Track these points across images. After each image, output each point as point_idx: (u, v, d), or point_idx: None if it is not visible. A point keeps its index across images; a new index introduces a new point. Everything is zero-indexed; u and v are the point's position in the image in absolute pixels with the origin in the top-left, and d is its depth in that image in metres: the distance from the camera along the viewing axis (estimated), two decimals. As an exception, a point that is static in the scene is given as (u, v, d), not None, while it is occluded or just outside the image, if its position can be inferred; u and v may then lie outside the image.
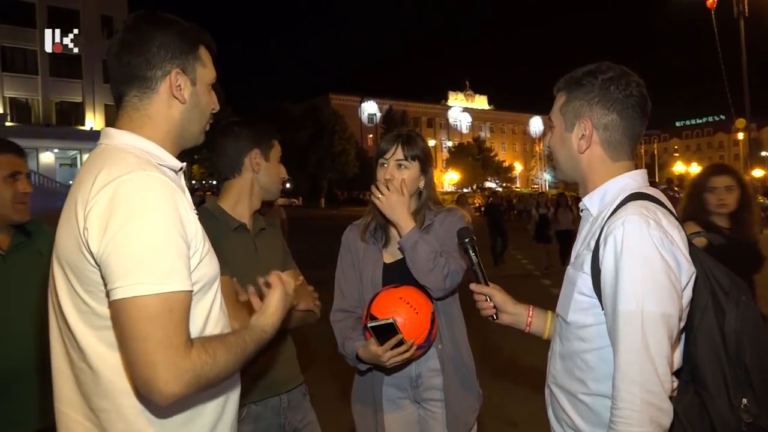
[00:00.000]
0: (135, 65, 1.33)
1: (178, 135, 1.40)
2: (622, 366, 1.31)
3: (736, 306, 1.38)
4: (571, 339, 1.50)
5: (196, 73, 1.40)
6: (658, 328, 1.29)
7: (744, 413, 1.34)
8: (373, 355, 2.07)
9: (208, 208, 2.18)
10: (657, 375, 1.28)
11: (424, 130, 75.42)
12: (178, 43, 1.35)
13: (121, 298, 1.15)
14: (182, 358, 1.14)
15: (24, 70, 36.37)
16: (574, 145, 1.52)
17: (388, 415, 2.26)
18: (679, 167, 76.40)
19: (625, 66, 1.50)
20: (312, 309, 2.16)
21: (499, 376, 5.15)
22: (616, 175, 1.49)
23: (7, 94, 35.98)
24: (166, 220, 1.20)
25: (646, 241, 1.31)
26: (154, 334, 1.13)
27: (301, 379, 2.27)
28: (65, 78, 36.64)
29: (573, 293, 1.46)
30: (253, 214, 2.23)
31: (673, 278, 1.31)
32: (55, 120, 37.17)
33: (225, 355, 1.22)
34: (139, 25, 1.35)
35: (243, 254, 2.13)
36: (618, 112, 1.46)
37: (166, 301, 1.16)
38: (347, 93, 72.69)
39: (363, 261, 2.30)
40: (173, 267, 1.18)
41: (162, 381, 1.12)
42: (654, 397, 1.28)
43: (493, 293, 1.81)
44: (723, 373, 1.36)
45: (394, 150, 2.25)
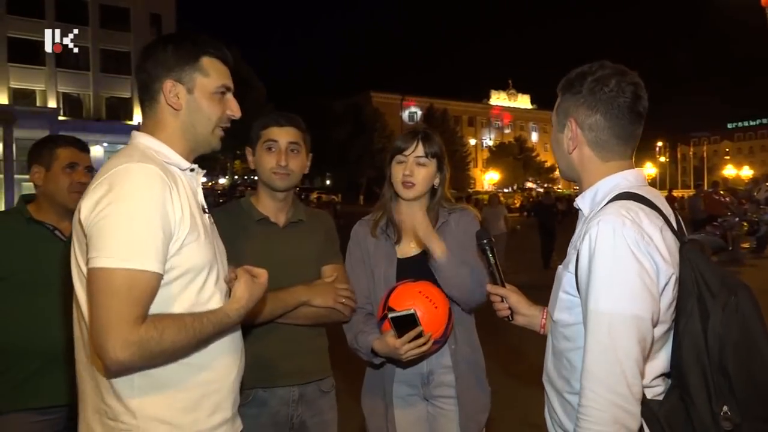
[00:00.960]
0: (142, 80, 1.56)
1: (186, 138, 1.57)
2: (588, 365, 1.31)
3: (722, 310, 1.33)
4: (558, 338, 1.50)
5: (195, 82, 1.55)
6: (627, 329, 1.28)
7: (724, 421, 1.30)
8: (390, 348, 2.07)
9: (239, 202, 2.30)
10: (624, 377, 1.28)
11: (465, 129, 74.98)
12: (171, 58, 1.53)
13: (92, 267, 1.32)
14: (130, 331, 1.28)
15: (76, 67, 37.61)
16: (564, 145, 1.53)
17: (398, 411, 2.26)
18: (730, 170, 73.82)
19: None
20: (335, 307, 2.14)
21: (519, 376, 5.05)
22: (608, 174, 1.47)
23: (61, 89, 37.27)
24: (146, 205, 1.35)
25: (618, 241, 1.30)
26: (111, 305, 1.29)
27: (322, 375, 2.24)
28: (115, 74, 37.71)
29: (559, 292, 1.47)
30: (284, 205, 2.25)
31: (647, 280, 1.30)
32: (105, 115, 38.32)
33: (174, 333, 1.34)
34: (148, 45, 1.58)
35: (262, 247, 2.16)
36: (602, 113, 1.45)
37: (129, 277, 1.30)
38: (388, 91, 72.70)
39: (375, 257, 2.31)
40: (144, 248, 1.33)
41: (110, 348, 1.27)
42: (619, 399, 1.27)
43: (509, 294, 1.81)
44: (705, 379, 1.32)
45: (414, 147, 2.26)
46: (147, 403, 1.40)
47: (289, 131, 2.21)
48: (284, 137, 2.20)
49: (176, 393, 1.43)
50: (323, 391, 2.24)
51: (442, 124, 59.95)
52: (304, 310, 2.11)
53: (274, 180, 2.19)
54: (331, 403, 2.27)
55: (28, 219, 2.31)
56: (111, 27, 37.66)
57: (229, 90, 1.61)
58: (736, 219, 13.12)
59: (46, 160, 2.36)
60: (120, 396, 1.39)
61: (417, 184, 2.26)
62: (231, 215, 2.22)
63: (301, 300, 2.10)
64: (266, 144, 2.19)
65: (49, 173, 2.34)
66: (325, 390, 2.25)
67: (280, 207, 2.25)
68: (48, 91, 36.59)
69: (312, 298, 2.11)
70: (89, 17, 36.76)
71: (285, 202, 2.26)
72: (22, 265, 2.21)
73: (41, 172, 2.36)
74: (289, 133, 2.21)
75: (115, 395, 1.39)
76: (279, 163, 2.17)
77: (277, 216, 2.24)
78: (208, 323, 1.42)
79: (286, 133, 2.21)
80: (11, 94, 35.31)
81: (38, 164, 2.37)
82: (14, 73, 35.52)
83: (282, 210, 2.26)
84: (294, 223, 2.26)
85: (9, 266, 2.22)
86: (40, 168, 2.36)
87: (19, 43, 34.88)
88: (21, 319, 2.19)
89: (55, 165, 2.34)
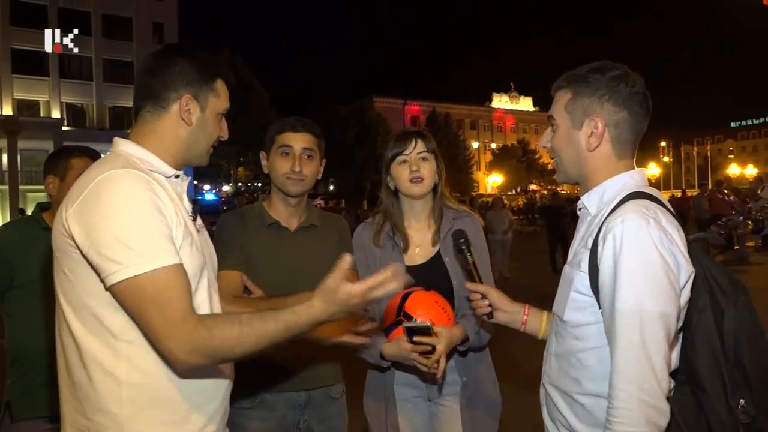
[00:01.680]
0: (153, 85, 1.51)
1: (182, 152, 1.55)
2: (620, 365, 1.31)
3: (734, 307, 1.35)
4: (566, 338, 1.49)
5: (208, 102, 1.55)
6: (656, 327, 1.29)
7: (741, 414, 1.32)
8: (401, 351, 2.06)
9: (252, 207, 2.31)
10: (654, 374, 1.28)
11: (468, 132, 74.95)
12: (196, 73, 1.52)
13: (118, 282, 1.28)
14: (181, 330, 1.26)
15: (80, 77, 37.81)
16: (582, 143, 1.50)
17: (402, 414, 2.25)
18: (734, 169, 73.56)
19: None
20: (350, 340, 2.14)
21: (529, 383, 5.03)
22: (616, 173, 1.47)
23: (64, 99, 37.46)
24: (140, 207, 1.33)
25: (645, 239, 1.31)
26: (150, 311, 1.27)
27: (331, 381, 2.23)
28: (118, 84, 37.88)
29: (570, 292, 1.46)
30: (296, 209, 2.26)
31: (672, 277, 1.30)
32: (109, 124, 38.46)
33: (224, 332, 1.29)
34: (165, 52, 1.56)
35: (272, 251, 2.17)
36: (628, 109, 1.46)
37: (155, 278, 1.28)
38: (390, 95, 72.80)
39: (382, 264, 2.27)
40: (156, 246, 1.31)
41: (167, 351, 1.27)
42: (651, 397, 1.27)
43: (489, 291, 1.80)
44: (721, 374, 1.34)
45: (414, 145, 2.29)
46: (136, 417, 1.36)
47: (304, 137, 2.22)
48: (299, 143, 2.21)
49: (166, 405, 1.40)
50: (332, 397, 2.23)
51: (444, 127, 59.90)
52: None
53: (287, 185, 2.20)
54: (341, 409, 2.26)
55: (45, 228, 2.35)
56: (113, 37, 37.86)
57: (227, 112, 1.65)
58: (741, 218, 13.08)
59: (61, 170, 2.41)
60: (107, 410, 1.35)
61: (425, 178, 2.27)
62: (243, 220, 2.24)
63: None
64: (281, 149, 2.20)
65: (63, 183, 2.39)
66: (335, 396, 2.24)
67: (293, 212, 2.26)
68: (52, 101, 36.79)
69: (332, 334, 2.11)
70: (92, 27, 36.96)
71: (298, 207, 2.26)
72: (37, 273, 2.23)
73: (56, 182, 2.40)
74: (303, 138, 2.22)
75: (102, 410, 1.36)
76: (293, 169, 2.18)
77: (289, 221, 2.25)
78: (272, 321, 1.34)
79: (301, 139, 2.22)
80: (15, 105, 35.50)
81: (53, 174, 2.41)
82: (18, 84, 35.72)
83: (294, 215, 2.26)
84: (306, 227, 2.26)
85: (27, 274, 2.26)
86: (55, 178, 2.41)
87: (23, 54, 35.09)
88: (36, 327, 2.22)
89: (69, 175, 2.38)
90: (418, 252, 2.31)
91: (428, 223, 2.36)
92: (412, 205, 2.33)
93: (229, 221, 2.26)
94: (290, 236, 2.23)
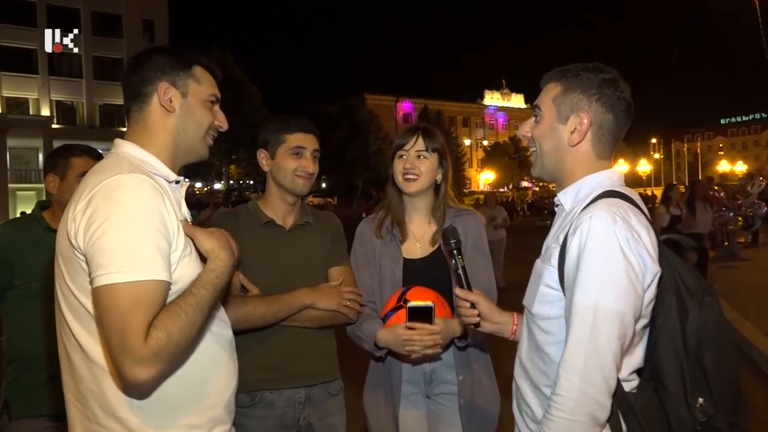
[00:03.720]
0: (133, 84, 1.54)
1: (175, 144, 1.55)
2: (567, 356, 1.34)
3: (699, 307, 1.38)
4: (535, 331, 1.52)
5: (188, 88, 1.56)
6: (609, 324, 1.31)
7: (699, 413, 1.35)
8: (396, 338, 2.08)
9: (246, 206, 2.31)
10: (601, 369, 1.31)
11: (460, 130, 75.05)
12: (168, 62, 1.55)
13: (99, 286, 1.27)
14: (141, 346, 1.23)
15: (69, 74, 37.54)
16: (564, 137, 1.52)
17: (401, 410, 2.27)
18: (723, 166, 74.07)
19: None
20: (339, 310, 2.15)
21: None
22: (594, 172, 1.50)
23: (54, 97, 37.20)
24: (144, 215, 1.32)
25: (610, 237, 1.33)
26: (119, 322, 1.24)
27: (330, 377, 2.25)
28: (108, 81, 37.66)
29: (539, 285, 1.49)
30: (293, 208, 2.28)
31: (633, 277, 1.33)
32: (99, 122, 38.26)
33: (177, 322, 1.29)
34: (141, 53, 1.59)
35: (268, 250, 2.19)
36: (614, 113, 1.49)
37: (136, 290, 1.26)
38: (382, 93, 72.77)
39: (381, 256, 2.32)
40: (148, 258, 1.30)
41: (126, 368, 1.23)
42: (593, 390, 1.30)
43: (479, 301, 1.77)
44: (682, 373, 1.37)
45: (414, 141, 2.30)
46: (147, 422, 1.37)
47: (313, 139, 2.27)
48: (311, 144, 2.25)
49: (176, 411, 1.41)
50: (331, 393, 2.25)
51: (437, 125, 59.61)
52: (308, 313, 2.12)
53: (297, 184, 2.22)
54: (339, 405, 2.27)
55: (45, 227, 2.35)
56: (103, 34, 37.61)
57: (218, 101, 1.64)
58: (731, 214, 13.17)
59: (61, 169, 2.39)
60: (117, 416, 1.36)
61: (419, 177, 2.27)
62: (238, 219, 2.25)
63: (306, 303, 2.11)
64: (294, 149, 2.21)
65: (63, 182, 2.38)
66: (333, 392, 2.26)
67: (289, 210, 2.28)
68: (41, 99, 36.53)
69: (317, 301, 2.12)
70: (81, 24, 36.67)
71: (295, 205, 2.29)
72: (37, 273, 2.22)
73: (56, 181, 2.40)
74: (313, 140, 2.26)
75: (113, 416, 1.36)
76: (306, 170, 2.22)
77: (284, 219, 2.26)
78: (200, 289, 1.36)
79: (311, 140, 2.26)
80: (4, 103, 35.23)
81: (53, 173, 2.40)
82: (6, 81, 35.45)
83: (290, 213, 2.28)
84: (301, 225, 2.28)
85: (27, 274, 2.26)
86: (55, 177, 2.40)
87: (12, 52, 34.82)
88: (35, 327, 2.21)
89: (69, 174, 2.37)
90: (418, 246, 2.33)
91: (429, 220, 2.37)
92: (411, 200, 2.35)
93: (223, 221, 2.27)
94: (285, 234, 2.25)
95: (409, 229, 2.34)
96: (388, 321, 2.15)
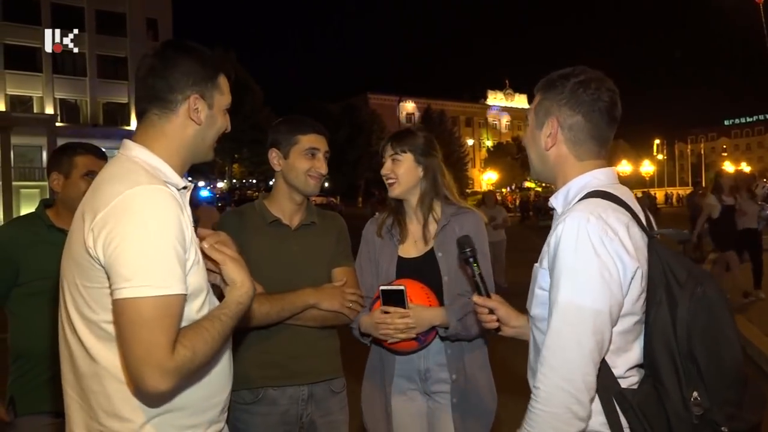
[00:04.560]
0: (159, 88, 1.48)
1: (190, 152, 1.54)
2: (546, 352, 1.38)
3: (689, 299, 1.38)
4: (535, 333, 1.55)
5: (214, 99, 1.54)
6: (583, 321, 1.34)
7: (695, 406, 1.35)
8: (371, 321, 2.16)
9: (252, 204, 2.34)
10: (578, 366, 1.33)
11: (463, 130, 75.03)
12: (200, 71, 1.51)
13: (123, 298, 1.27)
14: (168, 359, 1.26)
15: (73, 72, 37.62)
16: (541, 142, 1.58)
17: (397, 405, 2.30)
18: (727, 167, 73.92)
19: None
20: (341, 311, 2.17)
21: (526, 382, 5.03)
22: (581, 173, 1.53)
23: (58, 95, 37.29)
24: (167, 229, 1.33)
25: (581, 236, 1.36)
26: (147, 335, 1.26)
27: (333, 375, 2.27)
28: (112, 80, 37.76)
29: (535, 288, 1.52)
30: (300, 208, 2.31)
31: (606, 275, 1.35)
32: (102, 120, 38.33)
33: (203, 345, 1.34)
34: (166, 52, 1.52)
35: (274, 248, 2.22)
36: (583, 114, 1.51)
37: (163, 304, 1.28)
38: (385, 92, 72.79)
39: (379, 255, 2.38)
40: (172, 272, 1.31)
41: (149, 379, 1.25)
42: (571, 387, 1.32)
43: (498, 306, 1.79)
44: (675, 367, 1.37)
45: (387, 147, 2.38)
46: (149, 422, 1.38)
47: (324, 140, 2.31)
48: (323, 145, 2.29)
49: (178, 411, 1.42)
50: (334, 391, 2.26)
51: (439, 125, 60.02)
52: (311, 312, 2.14)
53: (309, 185, 2.25)
54: (342, 403, 2.29)
55: (49, 226, 2.36)
56: (107, 32, 37.67)
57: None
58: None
59: (65, 168, 2.40)
60: (121, 416, 1.37)
61: (396, 180, 2.34)
62: (244, 217, 2.27)
63: (309, 303, 2.13)
64: (308, 150, 2.24)
65: (68, 181, 2.39)
66: (336, 390, 2.27)
67: (296, 209, 2.30)
68: (45, 97, 36.61)
69: (319, 301, 2.14)
70: (85, 23, 36.76)
71: (302, 205, 2.31)
72: (42, 271, 2.23)
73: (60, 180, 2.40)
74: (324, 141, 2.31)
75: (116, 416, 1.37)
76: (319, 171, 2.26)
77: (290, 218, 2.29)
78: (226, 318, 1.42)
79: (323, 142, 2.30)
80: (8, 101, 35.31)
81: (57, 171, 2.41)
82: (11, 79, 35.52)
83: (297, 212, 2.30)
84: (306, 225, 2.30)
85: (31, 272, 2.27)
86: (59, 175, 2.41)
87: (16, 50, 34.91)
88: (39, 325, 2.22)
89: (74, 173, 2.39)
90: (415, 245, 2.37)
91: (422, 219, 2.40)
92: (403, 202, 2.40)
93: (230, 220, 2.30)
94: (291, 234, 2.27)
95: (408, 230, 2.39)
96: (372, 308, 2.21)
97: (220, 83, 1.56)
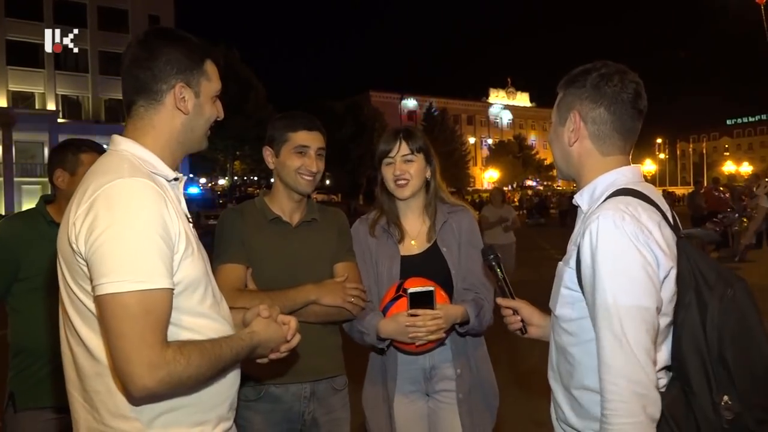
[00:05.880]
0: (143, 78, 1.44)
1: (180, 142, 1.51)
2: (605, 358, 1.33)
3: (720, 301, 1.35)
4: (560, 333, 1.52)
5: (201, 87, 1.50)
6: (634, 320, 1.31)
7: (725, 411, 1.32)
8: (399, 326, 2.10)
9: (253, 201, 2.32)
10: (640, 365, 1.29)
11: (465, 128, 74.94)
12: (184, 59, 1.47)
13: (104, 294, 1.25)
14: (156, 355, 1.23)
15: (75, 69, 37.61)
16: (564, 138, 1.55)
17: (399, 408, 2.29)
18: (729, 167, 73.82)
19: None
20: (343, 306, 2.16)
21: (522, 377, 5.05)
22: (607, 170, 1.50)
23: (60, 91, 37.29)
24: (147, 222, 1.29)
25: (619, 234, 1.33)
26: (131, 331, 1.23)
27: (335, 373, 2.26)
28: (114, 76, 37.68)
29: (560, 287, 1.50)
30: (299, 205, 2.29)
31: (649, 270, 1.33)
32: (104, 117, 38.33)
33: (199, 359, 1.31)
34: (149, 41, 1.48)
35: (275, 246, 2.20)
36: (606, 107, 1.49)
37: (145, 299, 1.25)
38: (387, 90, 72.71)
39: (377, 255, 2.34)
40: (153, 267, 1.28)
41: (136, 376, 1.22)
42: (640, 387, 1.29)
43: (521, 307, 1.80)
44: (705, 370, 1.34)
45: (398, 147, 2.32)
46: (155, 422, 1.36)
47: (317, 137, 2.25)
48: (315, 143, 2.24)
49: (183, 409, 1.40)
50: (336, 388, 2.26)
51: (441, 123, 59.92)
52: (312, 309, 2.13)
53: (300, 183, 2.22)
54: (344, 401, 2.29)
55: (50, 222, 2.36)
56: (109, 29, 37.66)
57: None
58: (736, 215, 13.12)
59: (71, 165, 2.40)
60: (126, 416, 1.34)
61: (409, 181, 2.30)
62: (244, 214, 2.26)
63: (310, 299, 2.12)
64: (297, 148, 2.21)
65: (73, 178, 2.38)
66: (338, 388, 2.27)
67: (296, 207, 2.28)
68: (47, 93, 36.62)
69: (321, 296, 2.13)
70: (87, 19, 36.76)
71: (301, 202, 2.29)
72: (42, 267, 2.24)
73: (65, 177, 2.40)
74: (317, 138, 2.25)
75: (122, 416, 1.35)
76: (309, 169, 2.21)
77: (291, 215, 2.27)
78: (227, 348, 1.39)
79: (316, 139, 2.24)
80: (10, 97, 35.32)
81: (62, 168, 2.41)
82: (13, 75, 35.53)
83: (297, 210, 2.29)
84: (307, 222, 2.29)
85: (31, 268, 2.28)
86: (64, 173, 2.40)
87: (18, 46, 34.91)
88: (40, 320, 2.24)
89: (80, 170, 2.37)
90: (413, 243, 2.35)
91: (423, 218, 2.39)
92: (404, 201, 2.37)
93: (230, 217, 2.28)
94: (292, 231, 2.26)
95: (404, 228, 2.37)
96: (389, 312, 2.17)
97: (206, 70, 1.51)
